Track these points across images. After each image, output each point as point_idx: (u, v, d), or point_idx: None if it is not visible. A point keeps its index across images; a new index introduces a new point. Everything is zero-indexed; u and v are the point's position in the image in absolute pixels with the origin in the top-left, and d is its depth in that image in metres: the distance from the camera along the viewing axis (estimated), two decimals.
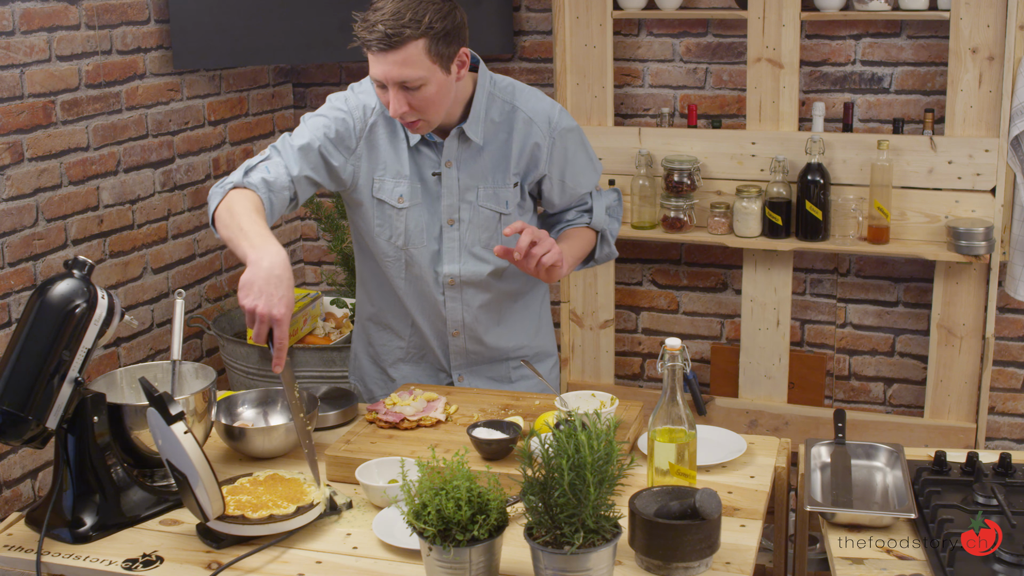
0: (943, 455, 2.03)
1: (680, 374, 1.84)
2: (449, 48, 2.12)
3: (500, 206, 2.35)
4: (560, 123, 2.36)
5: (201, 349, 3.80)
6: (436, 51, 2.10)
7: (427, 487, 1.64)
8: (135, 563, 1.80)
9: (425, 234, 2.35)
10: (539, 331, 2.56)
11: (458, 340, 2.45)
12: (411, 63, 2.08)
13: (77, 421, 1.90)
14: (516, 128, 2.32)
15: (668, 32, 3.74)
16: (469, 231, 2.35)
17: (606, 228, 2.48)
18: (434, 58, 2.10)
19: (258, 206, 2.14)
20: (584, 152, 2.43)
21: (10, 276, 3.01)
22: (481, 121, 2.29)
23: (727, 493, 1.96)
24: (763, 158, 3.54)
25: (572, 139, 2.39)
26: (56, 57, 3.10)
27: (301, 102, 4.20)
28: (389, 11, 2.07)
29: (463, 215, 2.34)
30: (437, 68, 2.12)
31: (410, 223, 2.34)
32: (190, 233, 3.69)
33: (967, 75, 3.30)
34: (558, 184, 2.41)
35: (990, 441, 3.64)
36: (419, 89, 2.12)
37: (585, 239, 2.45)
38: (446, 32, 2.10)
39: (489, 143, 2.32)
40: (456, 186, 2.33)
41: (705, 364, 3.93)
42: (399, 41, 2.07)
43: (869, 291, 3.73)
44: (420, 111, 2.16)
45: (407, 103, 2.13)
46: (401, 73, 2.09)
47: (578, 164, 2.42)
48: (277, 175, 2.23)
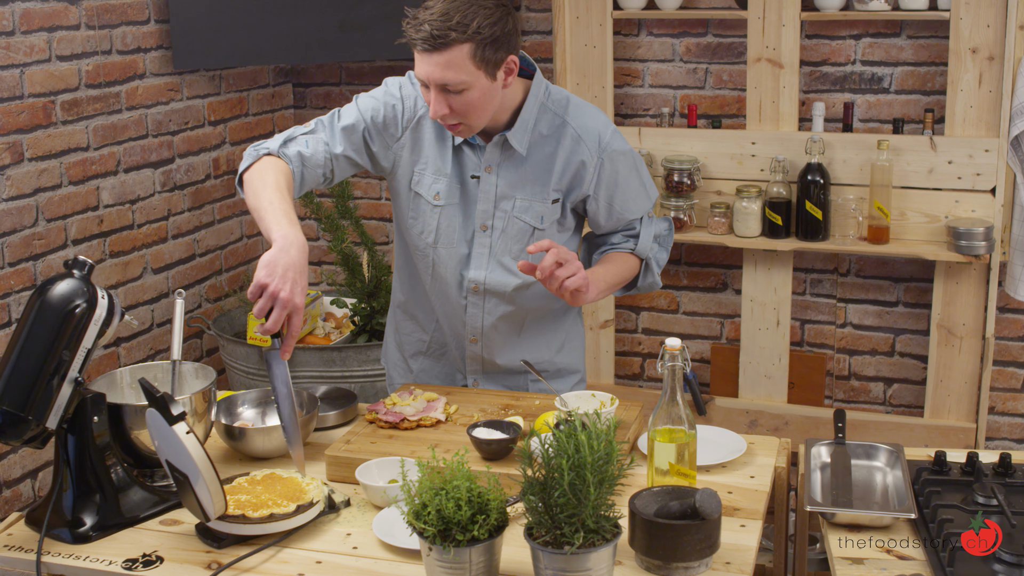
0: (943, 455, 2.03)
1: (680, 374, 1.84)
2: (496, 55, 2.08)
3: (535, 220, 2.29)
4: (611, 144, 2.29)
5: (201, 349, 3.80)
6: (482, 57, 2.06)
7: (427, 487, 1.64)
8: (135, 563, 1.80)
9: (456, 235, 2.32)
10: (563, 348, 2.48)
11: (475, 347, 2.42)
12: (454, 67, 2.05)
13: (77, 421, 1.89)
14: (563, 143, 2.26)
15: (668, 32, 3.74)
16: (501, 240, 2.31)
17: (651, 257, 2.38)
18: (479, 64, 2.06)
19: (289, 180, 2.14)
20: (636, 177, 2.34)
21: (10, 276, 3.01)
22: (528, 131, 2.24)
23: (727, 493, 1.96)
24: (763, 158, 3.54)
25: (623, 162, 2.31)
26: (56, 57, 3.10)
27: (301, 102, 4.20)
28: (438, 11, 2.04)
29: (496, 223, 2.30)
30: (482, 74, 2.08)
31: (443, 222, 2.32)
32: (190, 233, 3.69)
33: (967, 75, 3.30)
34: (605, 207, 2.33)
35: (990, 441, 3.64)
36: (461, 93, 2.08)
37: (625, 265, 2.35)
38: (495, 38, 2.06)
39: (533, 154, 2.26)
40: (493, 192, 2.29)
41: (705, 364, 3.93)
42: (444, 43, 2.03)
43: (869, 291, 3.73)
44: (461, 115, 2.12)
45: (448, 105, 2.10)
46: (443, 76, 2.06)
47: (628, 189, 2.32)
48: (315, 151, 2.22)
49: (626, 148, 2.32)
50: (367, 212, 4.17)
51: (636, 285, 2.41)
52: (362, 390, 3.43)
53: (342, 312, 3.78)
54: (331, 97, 4.15)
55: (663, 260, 2.42)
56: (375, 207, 4.15)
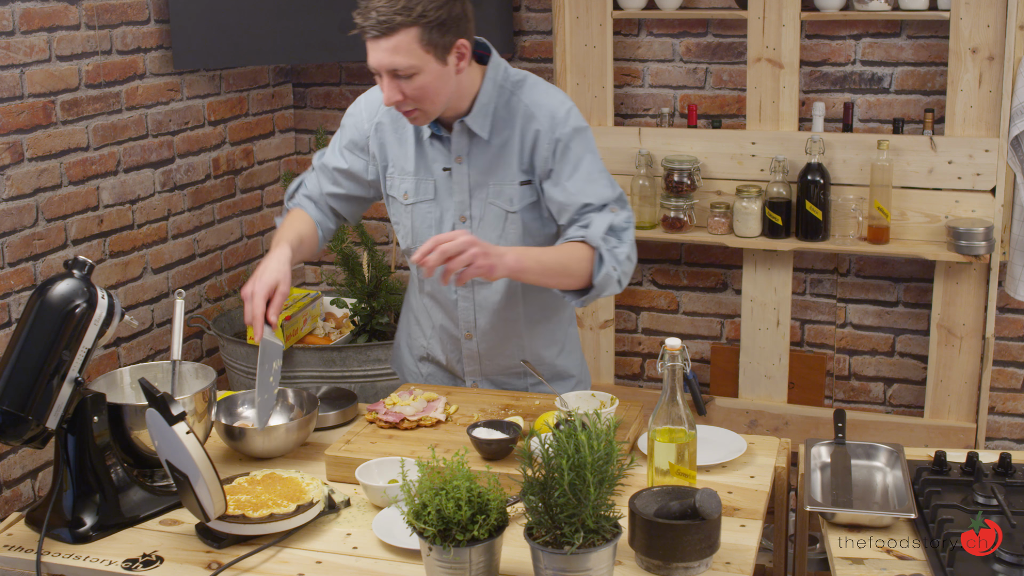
0: (943, 455, 2.03)
1: (680, 374, 1.84)
2: (444, 38, 2.10)
3: (506, 203, 2.29)
4: (567, 121, 2.24)
5: (201, 349, 3.80)
6: (429, 40, 2.08)
7: (427, 487, 1.64)
8: (135, 563, 1.80)
9: (434, 230, 2.33)
10: (564, 350, 2.47)
11: (471, 344, 2.42)
12: (402, 51, 2.07)
13: (77, 421, 1.90)
14: (518, 122, 2.25)
15: (668, 32, 3.74)
16: (481, 228, 2.31)
17: (603, 248, 2.19)
18: (427, 47, 2.08)
19: (303, 223, 2.37)
20: (594, 160, 2.28)
21: (10, 276, 3.01)
22: (489, 115, 2.25)
23: (727, 493, 1.96)
24: (763, 158, 3.54)
25: (578, 140, 2.25)
26: (56, 57, 3.10)
27: (301, 102, 4.20)
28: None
29: (475, 212, 2.31)
30: (431, 58, 2.10)
31: (416, 220, 2.35)
32: (190, 233, 3.69)
33: (967, 75, 3.30)
34: (559, 188, 2.25)
35: (990, 441, 3.64)
36: (412, 78, 2.10)
37: (571, 253, 2.19)
38: (441, 22, 2.08)
39: (495, 138, 2.27)
40: (467, 182, 2.30)
41: (705, 364, 3.93)
42: (390, 28, 2.06)
43: (869, 291, 3.73)
44: (415, 100, 2.14)
45: (401, 92, 2.12)
46: (392, 61, 2.08)
47: (582, 169, 2.25)
48: (312, 187, 2.45)
49: (581, 125, 2.27)
50: (367, 212, 4.16)
51: (593, 285, 2.21)
52: (362, 390, 3.43)
53: (342, 312, 3.78)
54: (331, 97, 4.15)
55: (622, 256, 2.21)
56: (375, 207, 4.15)
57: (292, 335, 3.47)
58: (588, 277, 2.19)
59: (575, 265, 2.18)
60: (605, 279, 2.19)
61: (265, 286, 2.10)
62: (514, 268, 2.09)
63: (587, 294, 2.22)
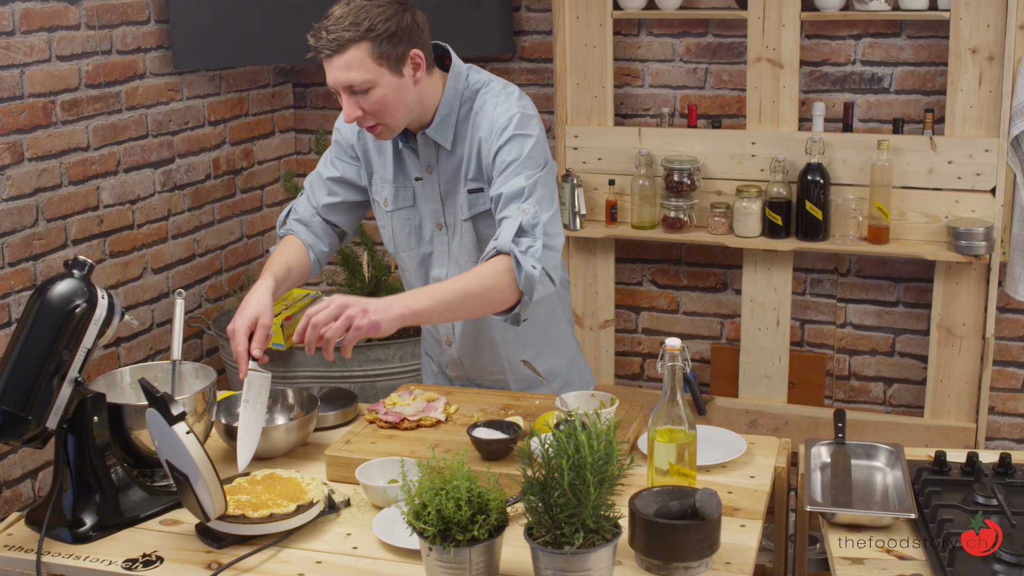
0: (943, 455, 2.03)
1: (680, 374, 1.84)
2: (396, 50, 2.09)
3: (463, 212, 2.28)
4: (506, 129, 2.16)
5: (201, 349, 3.80)
6: (380, 53, 2.08)
7: (427, 487, 1.64)
8: (135, 563, 1.80)
9: (414, 237, 2.35)
10: (543, 353, 2.42)
11: (451, 350, 2.44)
12: (355, 66, 2.08)
13: (77, 421, 1.90)
14: (469, 130, 2.23)
15: (668, 32, 3.74)
16: (455, 236, 2.31)
17: (516, 251, 2.08)
18: (379, 61, 2.08)
19: (293, 250, 2.35)
20: (521, 158, 2.15)
21: (10, 276, 3.01)
22: (451, 125, 2.23)
23: (727, 493, 1.96)
24: (763, 158, 3.54)
25: (512, 145, 2.16)
26: (56, 57, 3.10)
27: (301, 102, 4.20)
28: (334, 17, 2.10)
29: (448, 219, 2.31)
30: (385, 71, 2.09)
31: (396, 227, 2.37)
32: (190, 233, 3.69)
33: (967, 75, 3.30)
34: (494, 197, 2.18)
35: (990, 441, 3.64)
36: (368, 93, 2.10)
37: (479, 272, 2.08)
38: (390, 34, 2.08)
39: (457, 147, 2.25)
40: (438, 191, 2.29)
41: (705, 364, 3.93)
42: (340, 45, 2.07)
43: (869, 291, 3.73)
44: (375, 115, 2.13)
45: (360, 108, 2.12)
46: (347, 77, 2.08)
47: (509, 168, 2.15)
48: (303, 210, 2.43)
49: (524, 133, 2.16)
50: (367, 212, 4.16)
51: (522, 300, 2.09)
52: (362, 390, 3.43)
53: None
54: (331, 97, 4.15)
55: (538, 252, 2.09)
56: None
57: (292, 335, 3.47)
58: (513, 285, 2.08)
59: (489, 282, 2.07)
60: (528, 281, 2.07)
61: (246, 321, 2.10)
62: (405, 315, 2.00)
63: (521, 304, 2.10)
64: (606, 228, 3.70)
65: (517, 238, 2.09)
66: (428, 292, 2.06)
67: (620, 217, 3.71)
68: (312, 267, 2.40)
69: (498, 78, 2.30)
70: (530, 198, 2.12)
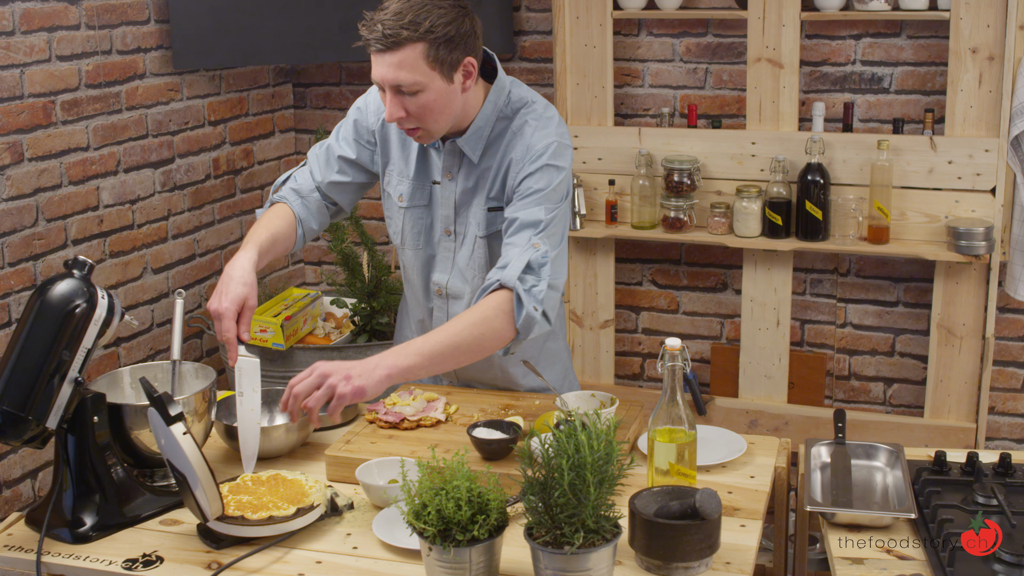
0: (943, 455, 2.03)
1: (680, 374, 1.84)
2: (452, 55, 2.04)
3: (476, 228, 2.25)
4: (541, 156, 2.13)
5: (201, 349, 3.80)
6: (436, 57, 2.02)
7: (427, 487, 1.64)
8: (135, 563, 1.80)
9: (422, 238, 2.32)
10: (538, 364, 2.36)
11: None
12: (407, 66, 2.01)
13: (77, 421, 1.90)
14: (502, 148, 2.19)
15: (668, 32, 3.74)
16: (463, 247, 2.28)
17: (520, 289, 2.04)
18: (433, 64, 2.03)
19: (282, 220, 2.29)
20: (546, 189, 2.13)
21: (10, 276, 3.01)
22: (484, 138, 2.19)
23: (727, 493, 1.96)
24: (763, 158, 3.54)
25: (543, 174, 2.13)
26: (56, 57, 3.10)
27: (301, 102, 4.20)
28: (392, 11, 2.02)
29: (458, 228, 2.28)
30: (437, 75, 2.04)
31: (407, 224, 2.33)
32: (190, 233, 3.69)
33: (967, 75, 3.30)
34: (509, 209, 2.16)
35: (990, 441, 3.64)
36: (415, 95, 2.05)
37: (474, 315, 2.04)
38: (448, 38, 2.02)
39: (484, 160, 2.21)
40: (453, 198, 2.26)
41: (705, 364, 3.93)
42: (396, 43, 2.00)
43: (869, 291, 3.73)
44: (418, 119, 2.09)
45: (404, 108, 2.07)
46: (397, 76, 2.02)
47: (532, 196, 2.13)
48: (303, 182, 2.36)
49: (557, 164, 2.14)
50: (367, 212, 4.16)
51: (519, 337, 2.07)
52: None
53: (342, 312, 3.78)
54: (331, 97, 4.15)
55: (541, 294, 2.06)
56: (375, 207, 4.15)
57: (292, 335, 3.47)
58: (510, 324, 2.05)
59: (485, 326, 2.04)
60: (527, 322, 2.05)
61: (233, 304, 2.04)
62: (392, 375, 1.96)
63: (514, 341, 2.08)
64: (606, 228, 3.70)
65: (523, 275, 2.06)
66: (416, 347, 2.00)
67: (620, 217, 3.71)
68: (297, 242, 2.34)
69: (540, 98, 2.24)
70: (543, 232, 2.10)
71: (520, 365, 2.37)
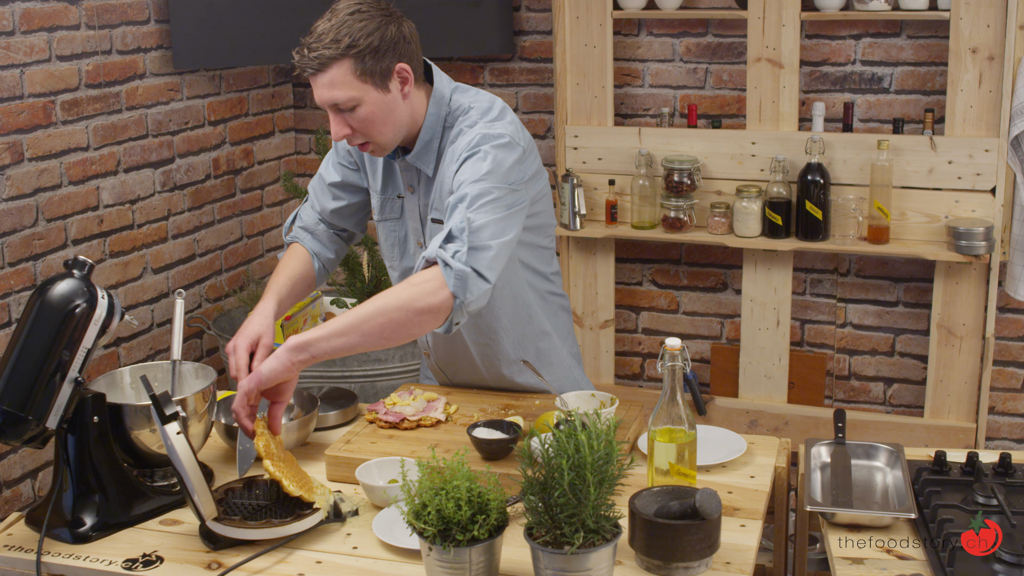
0: (943, 455, 2.03)
1: (680, 374, 1.84)
2: (380, 65, 2.02)
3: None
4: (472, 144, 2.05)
5: (201, 349, 3.80)
6: (363, 70, 2.01)
7: (427, 487, 1.64)
8: (135, 563, 1.80)
9: (397, 250, 2.33)
10: (526, 370, 2.35)
11: (430, 361, 2.44)
12: (338, 84, 2.02)
13: (77, 421, 1.89)
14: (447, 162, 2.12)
15: (668, 32, 3.74)
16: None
17: (445, 256, 1.93)
18: (363, 77, 2.02)
19: (297, 260, 2.34)
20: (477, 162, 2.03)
21: (10, 276, 3.01)
22: (433, 151, 2.16)
23: (727, 493, 1.96)
24: (763, 158, 3.54)
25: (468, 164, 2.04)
26: (56, 57, 3.10)
27: (301, 102, 4.20)
28: (316, 33, 2.03)
29: (427, 240, 2.26)
30: (370, 87, 2.03)
31: (383, 236, 2.36)
32: (190, 233, 3.69)
33: (967, 75, 3.30)
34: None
35: (990, 441, 3.64)
36: (354, 111, 2.04)
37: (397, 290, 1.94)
38: (373, 49, 2.01)
39: (440, 173, 2.17)
40: (418, 212, 2.25)
41: (705, 364, 3.93)
42: (323, 63, 2.01)
43: (869, 291, 3.73)
44: (364, 133, 2.08)
45: (347, 125, 2.06)
46: (332, 95, 2.03)
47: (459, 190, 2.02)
48: (308, 217, 2.40)
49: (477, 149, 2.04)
50: None
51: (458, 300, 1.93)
52: (362, 390, 3.43)
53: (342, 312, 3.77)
54: None
55: (463, 251, 1.93)
56: None
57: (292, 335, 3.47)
58: (443, 286, 1.92)
59: (408, 294, 1.92)
60: (460, 281, 1.92)
61: (247, 339, 2.07)
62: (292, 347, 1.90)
63: (456, 304, 1.93)
64: (606, 228, 3.70)
65: (444, 244, 1.95)
66: (331, 321, 1.93)
67: (620, 217, 3.71)
68: (318, 276, 2.38)
69: (484, 99, 2.16)
70: (473, 205, 1.98)
71: (520, 365, 2.37)
